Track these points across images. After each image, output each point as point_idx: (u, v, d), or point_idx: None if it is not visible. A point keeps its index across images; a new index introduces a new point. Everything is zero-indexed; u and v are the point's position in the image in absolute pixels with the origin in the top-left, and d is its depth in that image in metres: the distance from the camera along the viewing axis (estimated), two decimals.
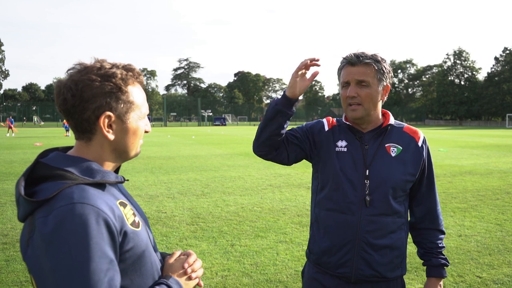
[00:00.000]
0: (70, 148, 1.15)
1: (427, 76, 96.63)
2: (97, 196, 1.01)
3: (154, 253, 1.16)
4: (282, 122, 1.73)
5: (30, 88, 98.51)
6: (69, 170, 1.04)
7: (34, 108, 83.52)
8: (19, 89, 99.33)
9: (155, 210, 6.97)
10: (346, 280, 1.77)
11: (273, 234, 5.63)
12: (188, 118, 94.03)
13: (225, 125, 71.45)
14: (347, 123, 1.84)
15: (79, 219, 0.94)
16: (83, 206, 0.95)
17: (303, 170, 11.38)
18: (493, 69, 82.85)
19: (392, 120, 1.84)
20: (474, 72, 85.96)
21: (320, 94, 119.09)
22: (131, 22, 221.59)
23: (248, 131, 42.21)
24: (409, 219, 1.92)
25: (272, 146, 1.80)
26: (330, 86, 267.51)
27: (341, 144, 1.81)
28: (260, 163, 13.42)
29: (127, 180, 1.20)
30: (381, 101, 1.81)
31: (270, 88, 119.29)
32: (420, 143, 1.82)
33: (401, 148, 1.79)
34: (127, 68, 1.12)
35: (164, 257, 1.26)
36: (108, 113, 1.08)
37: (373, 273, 1.75)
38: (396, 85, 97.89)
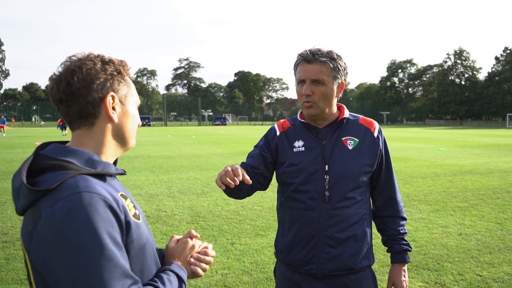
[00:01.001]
0: (67, 142, 1.15)
1: (427, 76, 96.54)
2: (100, 186, 1.01)
3: (153, 247, 1.17)
4: (238, 189, 1.71)
5: (30, 88, 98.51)
6: (70, 161, 1.03)
7: (34, 108, 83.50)
8: (20, 88, 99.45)
9: (155, 209, 6.97)
10: (314, 276, 1.80)
11: (274, 232, 5.62)
12: (188, 118, 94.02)
13: (225, 124, 71.45)
14: (303, 120, 1.87)
15: (88, 208, 0.93)
16: (90, 195, 0.95)
17: None
18: (493, 69, 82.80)
19: (347, 113, 1.87)
20: (474, 72, 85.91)
21: None
22: (131, 22, 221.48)
23: (248, 131, 42.21)
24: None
25: (248, 193, 1.84)
26: None
27: (298, 144, 1.84)
28: None
29: (126, 173, 1.19)
30: (336, 98, 1.84)
31: (270, 88, 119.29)
32: (375, 134, 1.86)
33: (358, 140, 1.83)
34: (119, 59, 1.17)
35: (162, 254, 1.26)
36: (113, 93, 1.10)
37: (340, 267, 1.77)
38: (396, 85, 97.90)
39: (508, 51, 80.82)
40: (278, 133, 1.91)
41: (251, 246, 5.07)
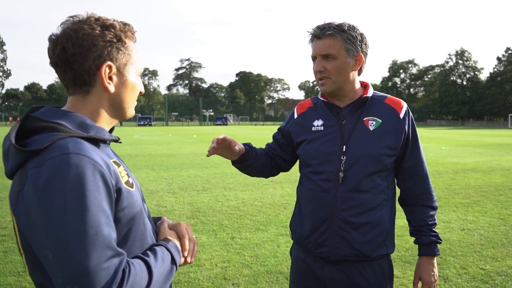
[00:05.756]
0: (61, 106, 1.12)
1: (429, 76, 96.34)
2: (92, 149, 0.96)
3: (147, 218, 1.12)
4: (243, 166, 1.85)
5: (32, 88, 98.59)
6: (62, 123, 0.99)
7: None
8: (21, 88, 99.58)
9: (155, 205, 6.93)
10: (326, 260, 1.74)
11: (274, 227, 5.58)
12: (189, 118, 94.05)
13: (226, 124, 71.46)
14: (323, 99, 1.81)
15: (75, 170, 0.89)
16: (78, 157, 0.91)
17: None
18: (495, 69, 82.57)
19: (371, 92, 1.77)
20: (476, 72, 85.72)
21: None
22: (131, 22, 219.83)
23: (249, 131, 42.18)
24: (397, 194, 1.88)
25: (264, 170, 1.93)
26: None
27: (317, 123, 1.79)
28: None
29: (120, 140, 1.15)
30: (354, 71, 1.73)
31: (271, 88, 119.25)
32: (402, 115, 1.74)
33: (381, 121, 1.72)
34: (123, 23, 1.10)
35: (155, 221, 1.22)
36: (109, 63, 1.04)
37: (353, 252, 1.70)
38: (398, 85, 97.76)
39: (510, 51, 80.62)
40: (295, 117, 1.89)
41: (251, 240, 5.02)
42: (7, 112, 79.54)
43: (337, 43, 1.66)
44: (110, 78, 1.06)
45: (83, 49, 1.01)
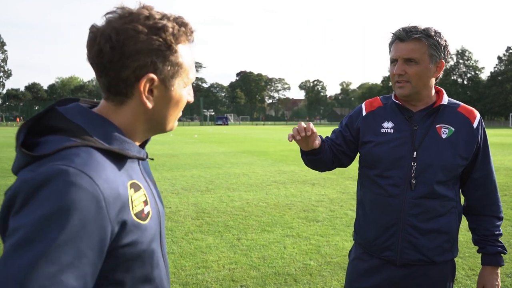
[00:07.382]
0: (95, 104, 0.96)
1: None
2: (103, 167, 0.80)
3: (160, 257, 0.96)
4: (314, 158, 1.79)
5: (33, 88, 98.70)
6: (84, 127, 0.85)
7: (36, 108, 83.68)
8: (22, 88, 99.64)
9: None
10: (392, 263, 1.73)
11: (280, 228, 5.57)
12: (190, 118, 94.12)
13: (227, 124, 71.46)
14: (396, 101, 1.76)
15: (67, 188, 0.73)
16: (80, 175, 0.75)
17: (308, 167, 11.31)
18: (496, 69, 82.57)
19: (445, 100, 1.73)
20: (477, 72, 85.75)
21: (322, 94, 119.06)
22: None
23: (250, 131, 42.18)
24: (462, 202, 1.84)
25: (327, 167, 1.87)
26: (332, 86, 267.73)
27: (387, 125, 1.75)
28: (264, 161, 13.36)
29: (152, 159, 1.06)
30: (433, 78, 1.69)
31: (272, 88, 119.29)
32: (475, 124, 1.71)
33: (453, 129, 1.69)
34: (180, 22, 0.90)
35: None
36: (152, 75, 0.87)
37: (420, 257, 1.69)
38: None
39: (511, 51, 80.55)
40: (364, 114, 1.83)
41: (257, 241, 5.01)
42: (8, 112, 79.57)
43: (422, 47, 1.62)
44: (151, 91, 0.90)
45: (123, 56, 0.84)
